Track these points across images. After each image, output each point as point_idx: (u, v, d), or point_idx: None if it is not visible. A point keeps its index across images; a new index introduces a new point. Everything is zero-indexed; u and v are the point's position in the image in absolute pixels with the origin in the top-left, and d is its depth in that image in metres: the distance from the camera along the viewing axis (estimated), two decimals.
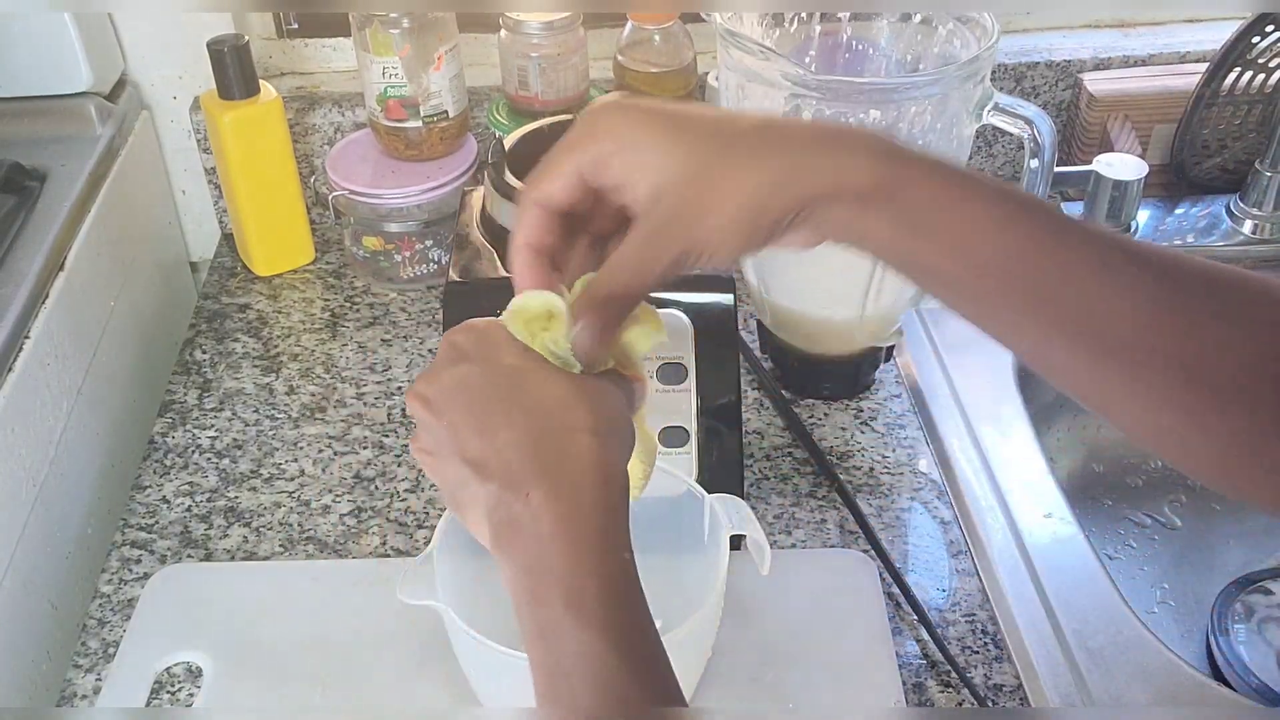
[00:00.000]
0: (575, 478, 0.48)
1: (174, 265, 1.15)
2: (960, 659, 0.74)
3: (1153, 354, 0.48)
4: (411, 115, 1.01)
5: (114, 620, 0.79)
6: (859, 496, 0.85)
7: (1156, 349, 0.48)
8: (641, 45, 1.02)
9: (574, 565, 0.46)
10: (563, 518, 0.47)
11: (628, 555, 0.48)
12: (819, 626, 0.75)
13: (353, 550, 0.83)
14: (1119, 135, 1.08)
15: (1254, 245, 1.03)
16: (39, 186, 0.93)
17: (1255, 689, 0.78)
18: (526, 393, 0.50)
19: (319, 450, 0.91)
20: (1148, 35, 1.15)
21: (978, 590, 0.79)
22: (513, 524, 0.48)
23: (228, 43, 0.97)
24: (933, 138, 0.78)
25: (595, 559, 0.47)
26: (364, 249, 1.05)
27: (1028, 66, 1.12)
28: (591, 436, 0.49)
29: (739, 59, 0.77)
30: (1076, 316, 0.49)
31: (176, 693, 0.74)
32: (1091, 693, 0.71)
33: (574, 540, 0.47)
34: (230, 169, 1.03)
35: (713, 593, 0.64)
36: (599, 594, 0.46)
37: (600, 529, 0.48)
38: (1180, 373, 0.48)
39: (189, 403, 0.95)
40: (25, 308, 0.83)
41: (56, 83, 0.99)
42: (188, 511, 0.86)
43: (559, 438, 0.48)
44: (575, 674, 0.45)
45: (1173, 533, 0.96)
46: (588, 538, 0.47)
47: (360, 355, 1.00)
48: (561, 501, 0.47)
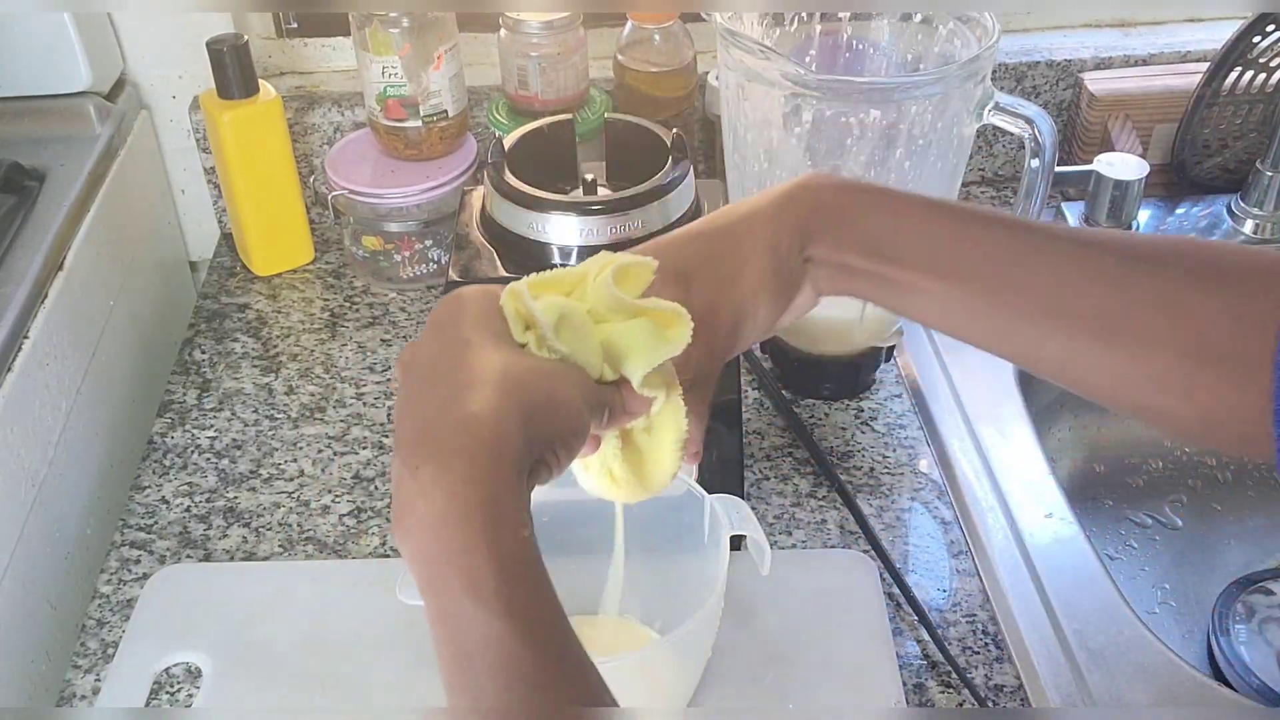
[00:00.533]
0: (467, 452, 0.45)
1: (173, 265, 1.15)
2: (961, 659, 0.74)
3: (1122, 326, 0.53)
4: (411, 115, 1.01)
5: (113, 620, 0.79)
6: (859, 497, 0.85)
7: (1124, 321, 0.53)
8: (641, 45, 1.02)
9: (466, 547, 0.44)
10: (452, 494, 0.44)
11: (527, 533, 0.45)
12: (819, 626, 0.75)
13: (352, 550, 0.83)
14: (1120, 135, 1.08)
15: (1254, 245, 1.03)
16: (38, 186, 0.93)
17: (1256, 689, 0.77)
18: (455, 368, 0.48)
19: (318, 450, 0.91)
20: (1148, 35, 1.15)
21: (978, 590, 0.79)
22: (408, 504, 0.45)
23: (227, 42, 0.97)
24: (933, 137, 0.78)
25: (490, 536, 0.44)
26: (364, 249, 1.05)
27: (1028, 66, 1.12)
28: (495, 411, 0.46)
29: (739, 59, 0.77)
30: (1045, 302, 0.54)
31: (176, 693, 0.73)
32: (1092, 693, 0.71)
33: (465, 519, 0.44)
34: (230, 169, 1.02)
35: (713, 593, 0.64)
36: (497, 574, 0.44)
37: (493, 502, 0.44)
38: (1152, 341, 0.52)
39: (188, 403, 0.95)
40: (24, 307, 0.83)
41: (56, 82, 0.99)
42: (187, 512, 0.86)
43: (459, 411, 0.46)
44: (480, 660, 0.44)
45: (1174, 533, 0.96)
46: (479, 516, 0.44)
47: (360, 355, 1.00)
48: (450, 475, 0.44)
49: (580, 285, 0.52)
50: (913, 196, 0.57)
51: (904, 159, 0.78)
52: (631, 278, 0.52)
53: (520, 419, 0.46)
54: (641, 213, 0.77)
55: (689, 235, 0.56)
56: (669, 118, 1.01)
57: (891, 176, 0.79)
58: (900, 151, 0.78)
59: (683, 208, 0.79)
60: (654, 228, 0.77)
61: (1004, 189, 1.17)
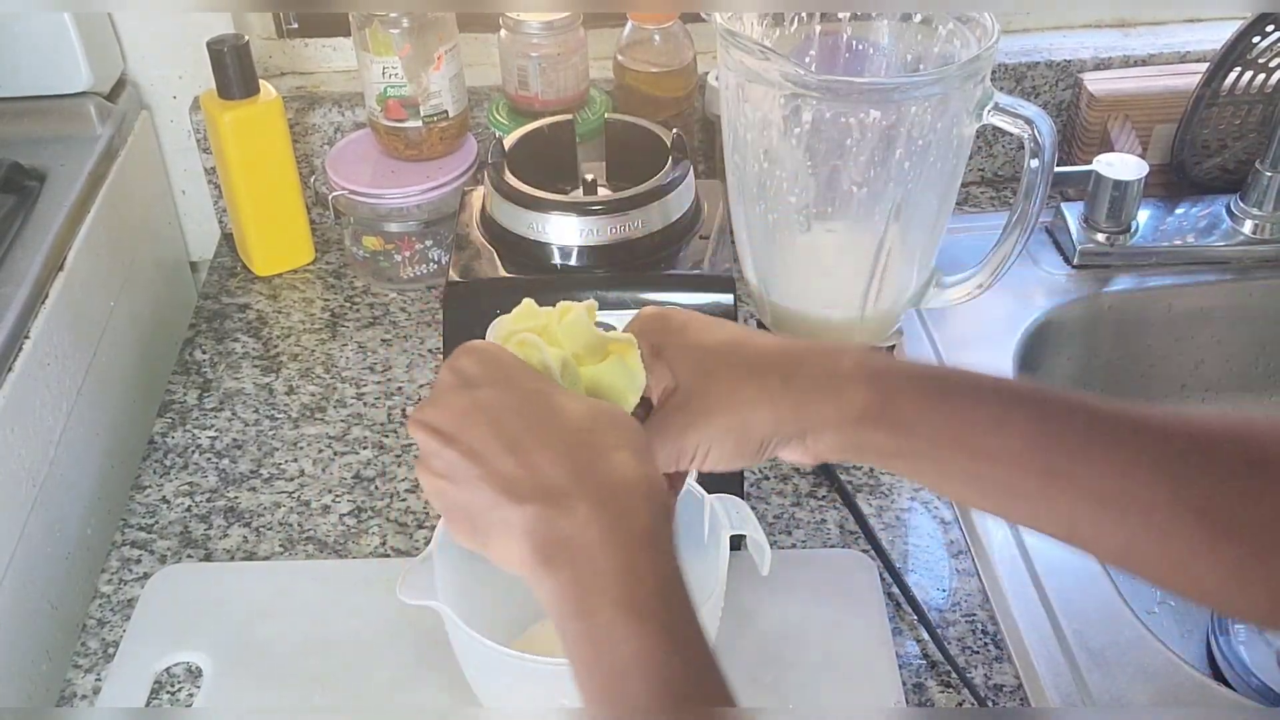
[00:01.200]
0: (619, 489, 0.49)
1: (174, 265, 1.15)
2: (960, 659, 0.74)
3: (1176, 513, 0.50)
4: (411, 115, 1.01)
5: (114, 620, 0.79)
6: (859, 496, 0.85)
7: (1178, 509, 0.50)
8: (641, 45, 1.02)
9: (626, 570, 0.47)
10: (611, 527, 0.48)
11: (676, 563, 0.48)
12: (819, 626, 0.75)
13: (353, 550, 0.83)
14: (1119, 135, 1.08)
15: (1254, 245, 1.03)
16: (39, 186, 0.93)
17: (1255, 689, 0.78)
18: (554, 413, 0.51)
19: (319, 450, 0.91)
20: (1148, 35, 1.15)
21: (978, 590, 0.79)
22: (558, 540, 0.48)
23: (228, 42, 0.97)
24: (933, 138, 0.78)
25: (647, 563, 0.47)
26: (364, 249, 1.05)
27: (1028, 66, 1.12)
28: (629, 453, 0.50)
29: (739, 59, 0.77)
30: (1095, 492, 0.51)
31: (176, 693, 0.74)
32: (1092, 693, 0.71)
33: (624, 546, 0.47)
34: (230, 169, 1.02)
35: (713, 593, 0.64)
36: (654, 593, 0.47)
37: (649, 534, 0.48)
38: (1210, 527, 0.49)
39: (189, 403, 0.95)
40: (25, 308, 0.83)
41: (56, 82, 0.99)
42: (187, 511, 0.86)
43: (597, 454, 0.50)
44: (633, 674, 0.45)
45: None
46: (638, 543, 0.48)
47: (360, 355, 1.00)
48: (608, 512, 0.48)
49: (548, 331, 0.56)
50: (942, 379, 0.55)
51: (904, 159, 0.78)
52: (584, 321, 0.56)
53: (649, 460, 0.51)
54: (641, 213, 0.77)
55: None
56: (669, 118, 1.01)
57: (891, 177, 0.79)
58: (900, 152, 0.78)
59: (683, 208, 0.79)
60: (654, 228, 0.77)
61: (1004, 189, 1.17)
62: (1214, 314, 1.03)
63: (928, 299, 0.88)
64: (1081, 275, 1.03)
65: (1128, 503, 0.51)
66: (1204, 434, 0.52)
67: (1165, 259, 1.03)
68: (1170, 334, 1.04)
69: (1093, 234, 1.03)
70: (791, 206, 0.83)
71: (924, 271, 0.87)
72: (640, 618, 0.46)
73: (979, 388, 0.55)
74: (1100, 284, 1.02)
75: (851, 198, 0.81)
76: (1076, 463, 0.51)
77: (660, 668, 0.45)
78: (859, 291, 0.85)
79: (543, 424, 0.50)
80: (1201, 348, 1.04)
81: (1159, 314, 1.03)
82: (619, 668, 0.46)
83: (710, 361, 0.56)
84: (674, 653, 0.46)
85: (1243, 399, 1.06)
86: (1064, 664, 0.73)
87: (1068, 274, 1.03)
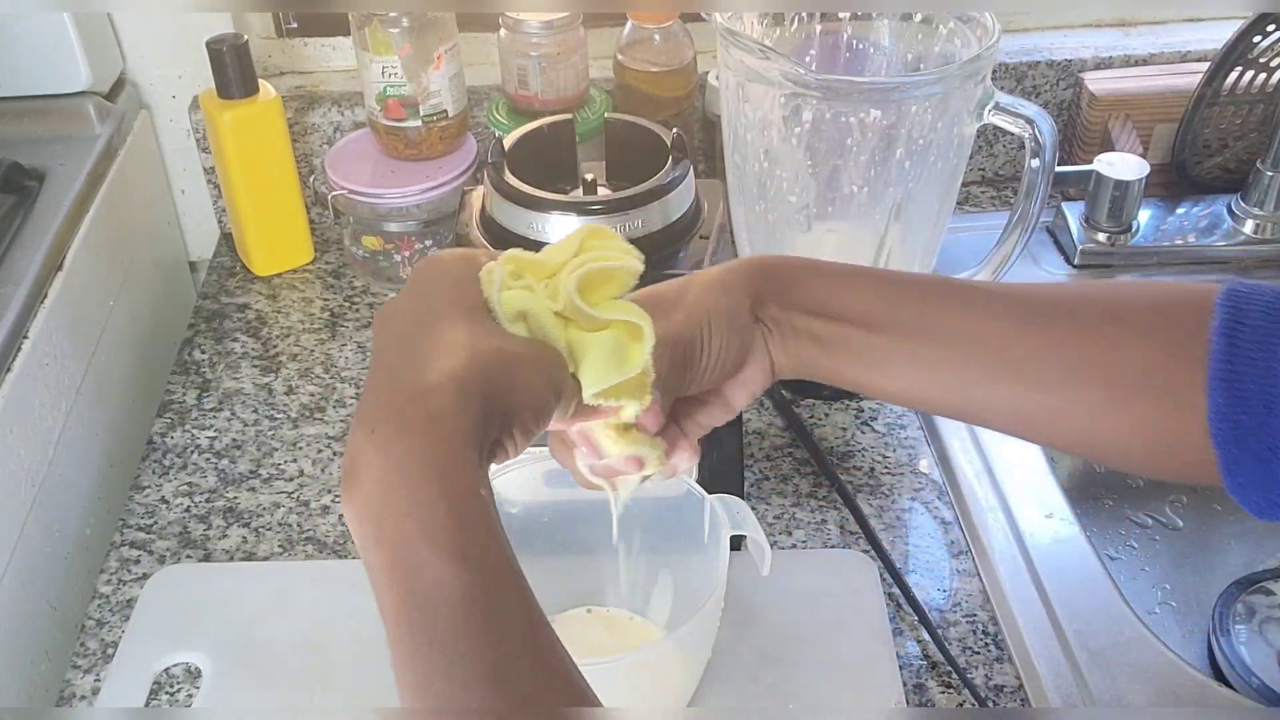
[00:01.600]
0: (427, 418, 0.46)
1: (173, 265, 1.15)
2: (961, 659, 0.74)
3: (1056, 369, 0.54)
4: (411, 114, 1.01)
5: (113, 621, 0.79)
6: (859, 497, 0.85)
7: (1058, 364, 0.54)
8: (641, 44, 1.02)
9: (425, 497, 0.44)
10: (409, 453, 0.45)
11: (484, 492, 0.46)
12: (819, 627, 0.75)
13: (352, 550, 0.83)
14: (1120, 135, 1.08)
15: (1255, 245, 1.03)
16: (38, 186, 0.93)
17: (1256, 689, 0.77)
18: (424, 336, 0.48)
19: (318, 450, 0.91)
20: (1149, 35, 1.15)
21: (978, 591, 0.79)
22: (358, 459, 0.46)
23: (227, 42, 0.97)
24: (933, 137, 0.78)
25: (446, 490, 0.44)
26: (363, 249, 1.05)
27: (1029, 66, 1.12)
28: (456, 384, 0.46)
29: (739, 58, 0.77)
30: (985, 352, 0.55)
31: (175, 693, 0.73)
32: (1093, 693, 0.71)
33: (423, 474, 0.45)
34: (229, 168, 1.02)
35: (713, 593, 0.64)
36: (453, 523, 0.44)
37: (449, 463, 0.45)
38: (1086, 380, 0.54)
39: (188, 403, 0.95)
40: (24, 307, 0.83)
41: (56, 82, 0.99)
42: (187, 512, 0.86)
43: (422, 379, 0.47)
44: (432, 602, 0.43)
45: (1174, 533, 0.96)
46: (437, 470, 0.45)
47: (360, 355, 1.00)
48: (408, 438, 0.45)
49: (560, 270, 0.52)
50: (851, 265, 0.59)
51: (904, 159, 0.78)
52: (614, 281, 0.52)
53: (481, 395, 0.47)
54: (641, 212, 0.77)
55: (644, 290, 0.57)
56: (669, 118, 1.01)
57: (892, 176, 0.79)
58: (900, 151, 0.78)
59: (683, 208, 0.79)
60: (654, 227, 0.77)
61: (1004, 189, 1.17)
62: None
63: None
64: (1082, 275, 1.03)
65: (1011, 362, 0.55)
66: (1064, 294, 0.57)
67: (1166, 259, 1.03)
68: None
69: (1093, 234, 1.03)
70: (792, 206, 0.83)
71: (925, 271, 0.87)
72: (436, 546, 0.43)
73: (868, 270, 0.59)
74: None
75: (852, 197, 0.81)
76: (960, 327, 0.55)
77: (461, 593, 0.43)
78: None
79: (403, 342, 0.49)
80: None
81: None
82: (418, 593, 0.44)
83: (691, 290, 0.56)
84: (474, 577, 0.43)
85: None
86: (1064, 664, 0.73)
87: (1069, 274, 1.03)
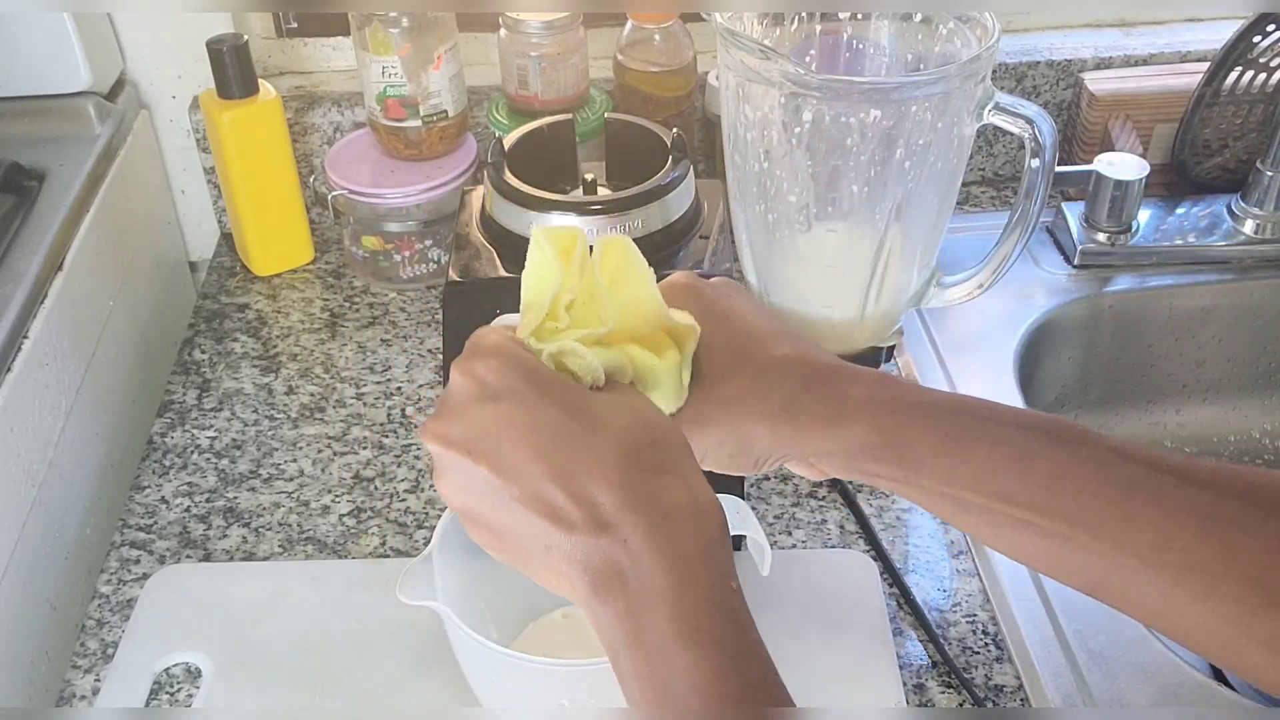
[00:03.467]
0: (670, 517, 0.47)
1: (173, 265, 1.15)
2: (961, 660, 0.74)
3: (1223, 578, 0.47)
4: (411, 114, 1.01)
5: (113, 621, 0.79)
6: (859, 497, 0.85)
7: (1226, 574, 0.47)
8: (641, 45, 1.02)
9: (679, 595, 0.46)
10: (661, 552, 0.46)
11: (734, 584, 0.47)
12: (819, 627, 0.75)
13: (352, 550, 0.83)
14: (1120, 135, 1.08)
15: (1255, 245, 1.03)
16: (38, 186, 0.93)
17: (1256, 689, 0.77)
18: (595, 432, 0.48)
19: (318, 450, 0.91)
20: (1149, 34, 1.15)
21: (978, 591, 0.79)
22: (610, 570, 0.47)
23: (227, 42, 0.97)
24: (933, 137, 0.78)
25: (701, 588, 0.46)
26: (363, 249, 1.05)
27: (1029, 66, 1.12)
28: (676, 477, 0.48)
29: (739, 58, 0.77)
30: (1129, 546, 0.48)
31: (175, 693, 0.73)
32: (1093, 693, 0.71)
33: (678, 575, 0.46)
34: (229, 169, 1.02)
35: None
36: (708, 614, 0.46)
37: (703, 560, 0.47)
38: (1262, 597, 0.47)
39: (188, 403, 0.95)
40: (24, 307, 0.83)
41: (56, 82, 0.99)
42: (187, 512, 0.86)
43: (645, 477, 0.48)
44: (689, 696, 0.44)
45: None
46: (691, 570, 0.46)
47: (360, 355, 1.00)
48: (660, 539, 0.47)
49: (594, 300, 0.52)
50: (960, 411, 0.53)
51: (904, 159, 0.78)
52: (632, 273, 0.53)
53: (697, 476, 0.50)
54: (641, 212, 0.76)
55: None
56: (669, 118, 1.01)
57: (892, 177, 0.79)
58: (900, 152, 0.78)
59: (683, 208, 0.79)
60: (654, 227, 0.77)
61: (1004, 189, 1.17)
62: (1215, 314, 1.03)
63: (928, 299, 0.88)
64: (1082, 275, 1.03)
65: (1167, 561, 0.48)
66: (1257, 494, 0.48)
67: (1166, 259, 1.03)
68: (1171, 334, 1.04)
69: (1093, 234, 1.03)
70: (792, 206, 0.82)
71: (924, 271, 0.87)
72: (694, 640, 0.45)
73: (997, 422, 0.52)
74: (1101, 284, 1.02)
75: (852, 197, 0.81)
76: (1109, 513, 0.49)
77: (716, 687, 0.44)
78: (859, 291, 0.85)
79: (585, 446, 0.48)
80: (1202, 348, 1.04)
81: (1160, 314, 1.03)
82: (674, 690, 0.45)
83: (721, 357, 0.55)
84: (731, 671, 0.45)
85: (1243, 399, 1.06)
86: (1064, 664, 0.73)
87: (1068, 274, 1.03)
